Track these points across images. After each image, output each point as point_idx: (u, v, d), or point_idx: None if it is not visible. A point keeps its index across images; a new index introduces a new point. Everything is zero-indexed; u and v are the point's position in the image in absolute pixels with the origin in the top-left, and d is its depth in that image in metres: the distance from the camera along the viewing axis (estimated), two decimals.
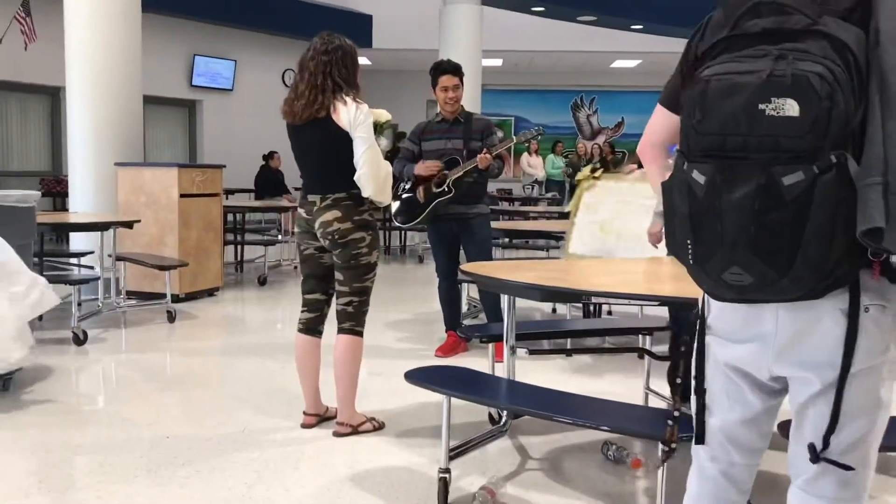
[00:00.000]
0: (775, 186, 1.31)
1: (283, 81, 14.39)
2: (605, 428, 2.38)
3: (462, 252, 4.98)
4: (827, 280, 1.36)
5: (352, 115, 3.28)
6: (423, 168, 4.75)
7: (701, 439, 1.65)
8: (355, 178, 3.33)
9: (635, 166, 4.78)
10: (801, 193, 1.30)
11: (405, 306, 6.42)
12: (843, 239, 1.31)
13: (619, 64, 17.42)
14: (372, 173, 3.32)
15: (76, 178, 6.97)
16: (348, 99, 3.30)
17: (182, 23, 13.06)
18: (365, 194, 3.37)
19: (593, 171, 4.99)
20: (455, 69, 4.83)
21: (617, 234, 4.90)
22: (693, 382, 1.63)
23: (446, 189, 4.72)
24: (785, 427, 2.34)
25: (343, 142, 3.31)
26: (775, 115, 1.31)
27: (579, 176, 5.14)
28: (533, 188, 13.44)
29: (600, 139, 18.33)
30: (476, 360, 4.77)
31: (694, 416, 1.65)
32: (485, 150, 4.71)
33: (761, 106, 1.33)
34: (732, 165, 1.35)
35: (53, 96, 11.93)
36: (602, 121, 19.09)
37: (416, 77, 16.98)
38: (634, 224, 4.86)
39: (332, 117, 3.29)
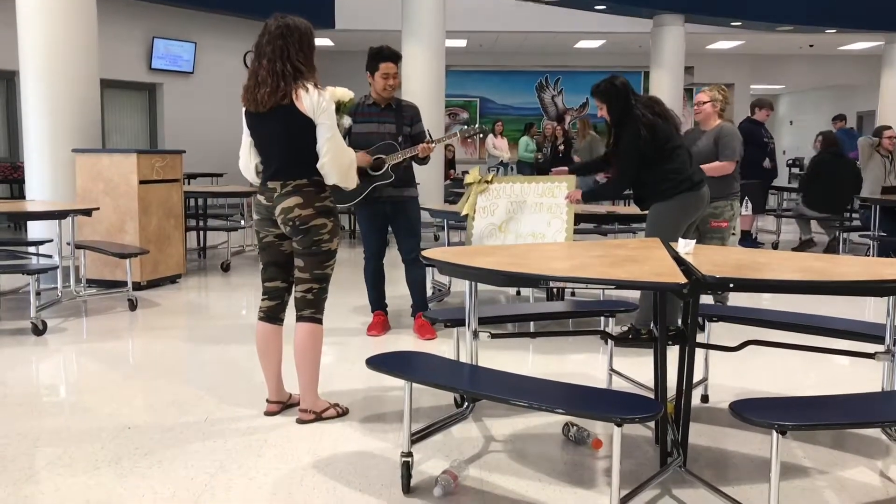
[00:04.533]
0: None
1: (245, 63, 14.15)
2: (560, 411, 2.41)
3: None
4: None
5: (314, 102, 3.26)
6: (359, 159, 4.72)
7: None
8: (318, 165, 3.32)
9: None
10: None
11: None
12: None
13: (582, 44, 17.46)
14: (336, 161, 3.33)
15: (33, 165, 6.84)
16: (309, 86, 3.28)
17: (140, 5, 12.80)
18: (329, 182, 3.37)
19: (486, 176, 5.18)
20: (396, 57, 4.85)
21: (515, 233, 4.97)
22: None
23: (388, 173, 4.78)
24: (736, 407, 2.39)
25: (306, 129, 3.29)
26: None
27: (468, 179, 5.23)
28: (497, 170, 13.45)
29: (566, 120, 18.38)
30: (442, 343, 4.81)
31: None
32: (427, 140, 4.82)
33: None
34: None
35: (9, 80, 11.65)
36: (567, 101, 19.13)
37: None
38: (530, 221, 4.94)
39: (295, 104, 3.26)
